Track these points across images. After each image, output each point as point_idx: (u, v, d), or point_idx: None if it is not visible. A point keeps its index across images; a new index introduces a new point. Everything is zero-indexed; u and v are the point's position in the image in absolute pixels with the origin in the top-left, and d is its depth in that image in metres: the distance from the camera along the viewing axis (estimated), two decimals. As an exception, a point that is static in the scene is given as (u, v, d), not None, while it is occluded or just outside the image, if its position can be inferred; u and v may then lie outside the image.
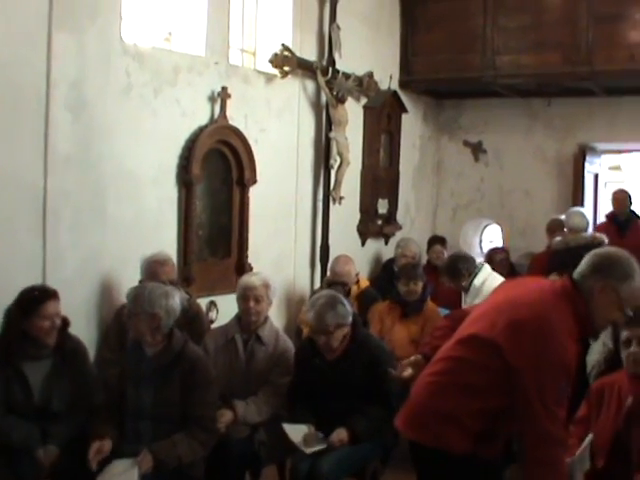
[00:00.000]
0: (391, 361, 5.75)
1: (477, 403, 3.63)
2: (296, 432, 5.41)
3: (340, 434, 5.35)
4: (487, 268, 7.33)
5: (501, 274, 9.05)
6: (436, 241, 9.78)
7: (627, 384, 4.45)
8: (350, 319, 5.61)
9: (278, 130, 8.19)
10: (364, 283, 8.23)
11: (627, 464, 4.26)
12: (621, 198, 9.72)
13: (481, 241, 11.93)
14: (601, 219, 10.60)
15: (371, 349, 5.67)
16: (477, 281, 7.03)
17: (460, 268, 7.16)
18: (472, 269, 7.16)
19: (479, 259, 9.62)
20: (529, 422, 3.50)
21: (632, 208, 9.69)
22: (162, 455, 4.85)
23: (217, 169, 7.46)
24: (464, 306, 7.02)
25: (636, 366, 4.44)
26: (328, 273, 8.35)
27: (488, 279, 7.05)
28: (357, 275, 8.06)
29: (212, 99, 7.24)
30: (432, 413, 3.74)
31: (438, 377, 3.79)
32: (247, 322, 5.88)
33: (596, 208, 11.36)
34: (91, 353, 5.90)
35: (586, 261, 3.76)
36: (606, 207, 10.72)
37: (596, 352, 5.44)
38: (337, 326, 5.50)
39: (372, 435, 5.48)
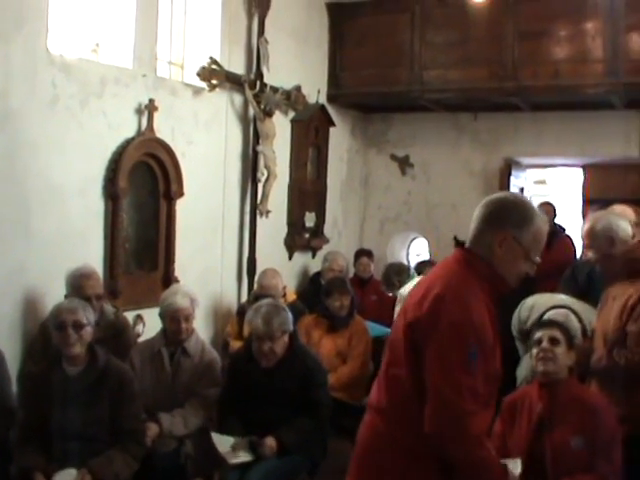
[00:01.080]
0: (324, 374, 5.90)
1: None
2: (224, 442, 5.48)
3: (269, 442, 5.44)
4: (417, 279, 7.39)
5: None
6: (363, 254, 9.86)
7: (537, 393, 4.58)
8: (291, 327, 5.80)
9: (205, 143, 8.23)
10: (291, 296, 8.29)
11: (543, 473, 4.36)
12: (547, 211, 9.94)
13: (408, 254, 12.06)
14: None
15: (306, 360, 5.82)
16: (402, 290, 7.11)
17: (392, 279, 7.29)
18: (404, 279, 7.25)
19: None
20: (430, 398, 3.19)
21: (556, 221, 9.90)
22: (101, 473, 4.88)
23: (144, 182, 7.46)
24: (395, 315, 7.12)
25: (545, 364, 4.56)
26: (255, 286, 8.40)
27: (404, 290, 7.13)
28: (284, 289, 8.11)
29: (139, 111, 7.26)
30: None
31: None
32: (176, 339, 5.94)
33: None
34: (15, 367, 5.91)
35: (478, 215, 3.45)
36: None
37: (525, 367, 5.60)
38: (282, 332, 5.68)
39: (301, 447, 5.58)
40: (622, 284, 4.87)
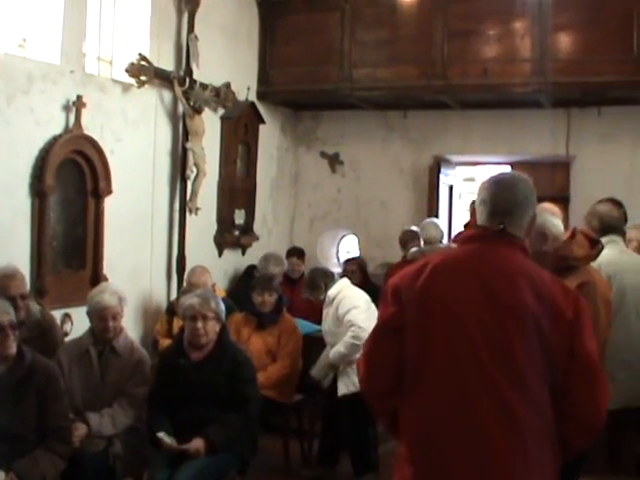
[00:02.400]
0: (253, 369, 5.99)
1: None
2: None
3: (197, 444, 5.50)
4: (344, 281, 7.46)
5: (355, 284, 9.35)
6: (294, 253, 9.91)
7: None
8: (223, 319, 5.96)
9: (134, 140, 8.25)
10: (220, 294, 8.33)
11: None
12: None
13: (338, 251, 12.16)
14: (456, 230, 10.96)
15: (236, 354, 5.94)
16: (331, 292, 7.17)
17: (319, 282, 7.28)
18: (330, 283, 7.33)
19: (336, 269, 9.88)
20: (590, 385, 3.26)
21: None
22: (27, 475, 4.87)
23: (71, 179, 7.46)
24: (324, 318, 7.24)
25: None
26: (184, 284, 8.45)
27: (343, 290, 7.19)
28: (214, 286, 8.17)
29: (67, 108, 7.26)
30: None
31: None
32: (104, 337, 5.96)
33: (451, 219, 11.71)
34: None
35: (508, 196, 3.36)
36: (461, 218, 11.10)
37: None
38: (216, 315, 5.84)
39: (230, 445, 5.65)
40: None
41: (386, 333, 3.39)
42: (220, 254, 9.79)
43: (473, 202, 9.97)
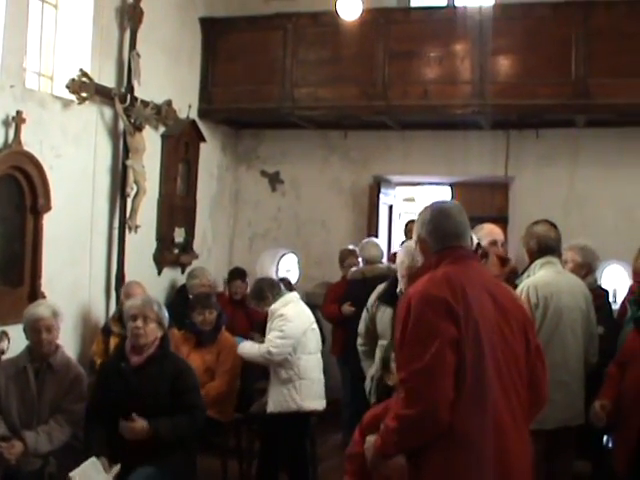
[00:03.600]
0: (196, 378, 6.03)
1: None
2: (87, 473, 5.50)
3: (141, 423, 5.57)
4: (291, 295, 7.43)
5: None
6: (236, 276, 9.81)
7: None
8: (166, 327, 6.02)
9: (74, 156, 8.20)
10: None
11: None
12: (414, 228, 10.21)
13: (277, 270, 12.21)
14: (395, 249, 11.06)
15: (176, 361, 6.03)
16: (274, 306, 7.17)
17: (266, 293, 7.29)
18: (277, 294, 7.30)
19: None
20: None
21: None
22: None
23: (10, 195, 7.38)
24: (267, 332, 7.20)
25: None
26: (121, 297, 8.42)
27: (284, 308, 7.17)
28: None
29: (6, 123, 7.19)
30: None
31: None
32: (39, 352, 5.95)
33: (390, 239, 11.82)
34: None
35: (464, 220, 3.96)
36: (400, 238, 11.21)
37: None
38: (157, 319, 5.90)
39: (172, 436, 5.67)
40: None
41: (450, 347, 3.54)
42: (159, 272, 9.77)
43: (410, 222, 10.15)
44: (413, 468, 3.63)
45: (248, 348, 7.23)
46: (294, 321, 7.10)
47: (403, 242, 10.40)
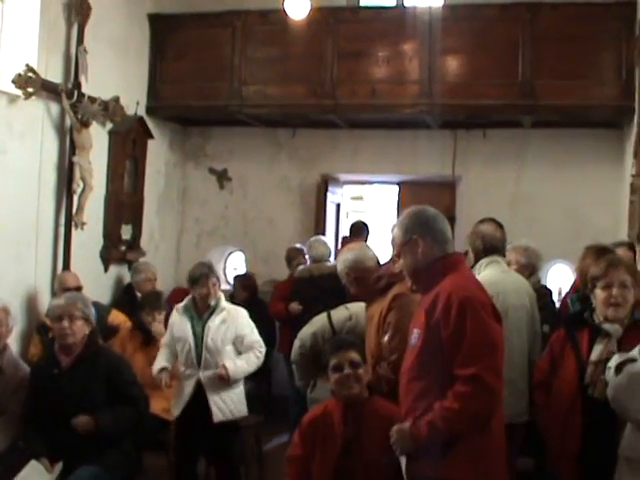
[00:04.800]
0: (132, 371, 6.00)
1: None
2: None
3: (83, 419, 5.53)
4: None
5: (246, 299, 9.44)
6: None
7: (340, 414, 4.73)
8: (93, 322, 5.95)
9: (20, 153, 8.15)
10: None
11: None
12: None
13: (225, 268, 12.22)
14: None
15: (110, 359, 5.95)
16: (224, 303, 6.94)
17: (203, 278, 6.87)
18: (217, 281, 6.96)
19: (224, 286, 9.94)
20: None
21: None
22: None
23: (-47, 192, 7.35)
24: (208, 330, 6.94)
25: (348, 389, 4.70)
26: (55, 285, 8.41)
27: (233, 310, 7.00)
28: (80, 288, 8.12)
29: (-49, 118, 7.16)
30: None
31: None
32: (-15, 349, 5.91)
33: (337, 237, 11.87)
34: None
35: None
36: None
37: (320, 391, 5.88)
38: (84, 316, 5.83)
39: (115, 429, 5.66)
40: (378, 301, 5.28)
41: (502, 345, 4.04)
42: (106, 269, 9.73)
43: (358, 222, 10.23)
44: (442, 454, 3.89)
45: (244, 366, 6.87)
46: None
47: (344, 238, 10.53)
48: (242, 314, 7.00)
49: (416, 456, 3.99)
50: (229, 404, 6.78)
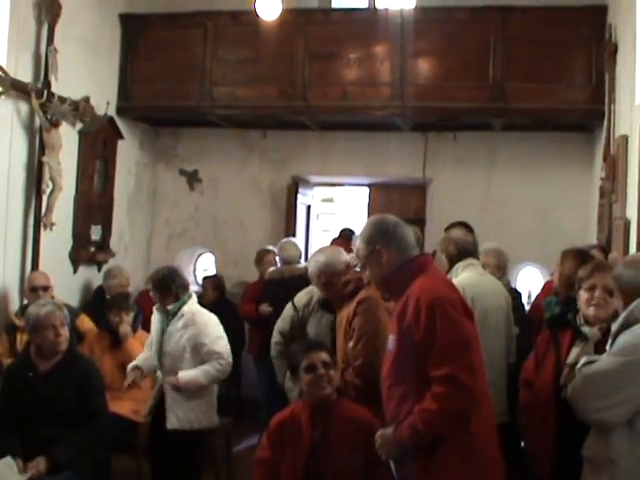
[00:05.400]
0: (102, 380, 5.98)
1: None
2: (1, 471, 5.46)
3: (39, 464, 5.45)
4: (194, 299, 6.92)
5: (215, 300, 9.42)
6: None
7: (308, 415, 4.73)
8: (68, 324, 5.95)
9: (-11, 153, 8.10)
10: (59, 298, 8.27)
11: None
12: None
13: (195, 269, 12.20)
14: (313, 249, 11.08)
15: (84, 366, 5.94)
16: (185, 309, 6.69)
17: (170, 286, 6.70)
18: (182, 293, 6.76)
19: (194, 287, 9.92)
20: None
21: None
22: None
23: None
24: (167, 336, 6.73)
25: (321, 389, 4.70)
26: (26, 288, 8.32)
27: (198, 314, 6.75)
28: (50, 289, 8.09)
29: None
30: None
31: None
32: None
33: (308, 239, 11.89)
34: None
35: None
36: (319, 238, 11.26)
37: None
38: (61, 324, 5.81)
39: (78, 461, 5.61)
40: (346, 306, 5.34)
41: (475, 342, 4.09)
42: (75, 270, 9.68)
43: (347, 230, 10.32)
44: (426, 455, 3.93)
45: (199, 377, 6.52)
46: (219, 327, 6.82)
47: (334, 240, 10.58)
48: (206, 321, 6.72)
49: (402, 460, 4.03)
50: (188, 413, 6.55)
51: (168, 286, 6.65)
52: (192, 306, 6.75)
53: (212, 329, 6.69)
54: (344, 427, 4.62)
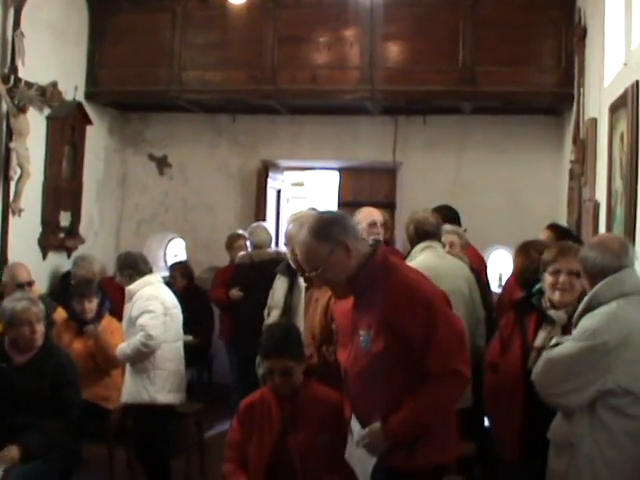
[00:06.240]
0: (75, 372, 5.96)
1: None
2: None
3: (10, 451, 5.43)
4: (151, 277, 7.09)
5: (185, 286, 9.43)
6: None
7: (276, 398, 4.73)
8: (44, 318, 5.92)
9: (-46, 139, 8.04)
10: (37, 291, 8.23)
11: (292, 474, 4.57)
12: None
13: (165, 255, 12.16)
14: (283, 234, 11.10)
15: (60, 356, 5.94)
16: (132, 287, 6.91)
17: (124, 270, 7.03)
18: (136, 275, 6.97)
19: (164, 273, 9.91)
20: None
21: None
22: None
23: None
24: (124, 314, 7.00)
25: (279, 391, 4.70)
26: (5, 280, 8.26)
27: (143, 289, 6.88)
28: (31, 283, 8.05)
29: None
30: None
31: None
32: None
33: (278, 223, 11.88)
34: None
35: None
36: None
37: None
38: (37, 320, 5.78)
39: (49, 451, 5.59)
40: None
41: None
42: (44, 257, 9.62)
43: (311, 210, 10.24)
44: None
45: (124, 348, 6.80)
46: (155, 303, 6.82)
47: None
48: (142, 296, 6.84)
49: (388, 450, 3.98)
50: (133, 386, 6.77)
51: (121, 269, 7.07)
52: (135, 284, 6.94)
53: (144, 304, 6.78)
54: (312, 409, 4.64)
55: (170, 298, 7.08)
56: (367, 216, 6.64)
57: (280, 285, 6.12)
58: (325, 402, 4.64)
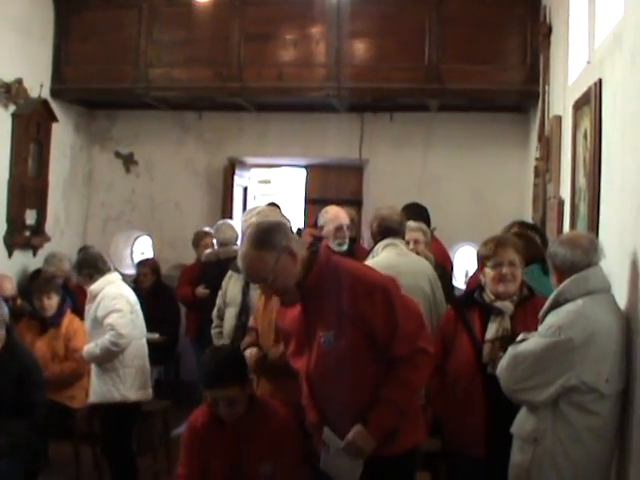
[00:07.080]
0: (40, 373, 5.94)
1: None
2: None
3: None
4: (112, 276, 7.02)
5: (153, 283, 9.41)
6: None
7: (217, 426, 4.60)
8: (7, 319, 5.90)
9: None
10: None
11: None
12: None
13: (132, 252, 12.13)
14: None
15: (24, 358, 5.92)
16: (94, 287, 6.81)
17: (84, 270, 6.91)
18: (96, 275, 6.86)
19: (131, 270, 9.89)
20: None
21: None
22: None
23: None
24: (85, 314, 6.96)
25: (231, 415, 4.53)
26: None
27: (106, 288, 6.80)
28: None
29: None
30: None
31: None
32: None
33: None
34: None
35: None
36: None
37: None
38: (2, 322, 5.79)
39: (12, 450, 5.59)
40: None
41: None
42: (10, 255, 9.58)
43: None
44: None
45: (92, 349, 6.68)
46: (122, 302, 6.76)
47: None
48: (108, 296, 6.75)
49: None
50: (101, 386, 6.69)
51: (80, 268, 6.95)
52: (97, 283, 6.84)
53: (110, 304, 6.69)
54: (256, 435, 4.52)
55: (132, 295, 7.04)
56: (334, 219, 6.58)
57: (234, 283, 6.12)
58: (272, 421, 4.54)
